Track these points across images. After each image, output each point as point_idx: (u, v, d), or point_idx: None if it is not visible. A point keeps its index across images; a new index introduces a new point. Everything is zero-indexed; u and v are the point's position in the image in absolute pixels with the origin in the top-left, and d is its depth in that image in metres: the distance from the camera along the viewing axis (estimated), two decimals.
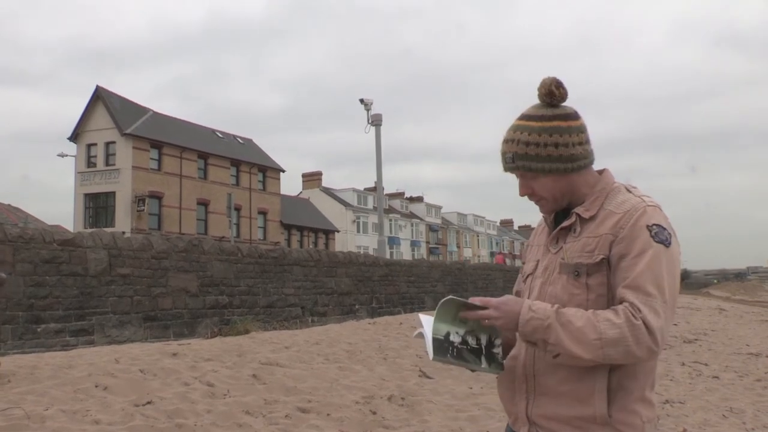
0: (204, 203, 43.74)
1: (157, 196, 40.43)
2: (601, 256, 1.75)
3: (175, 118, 45.79)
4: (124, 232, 19.53)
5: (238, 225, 44.30)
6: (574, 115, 1.87)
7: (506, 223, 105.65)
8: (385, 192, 62.14)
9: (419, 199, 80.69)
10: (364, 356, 9.17)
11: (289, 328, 13.46)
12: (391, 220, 67.20)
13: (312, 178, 68.41)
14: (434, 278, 24.61)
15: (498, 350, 1.83)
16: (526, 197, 1.93)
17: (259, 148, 52.66)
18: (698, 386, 8.25)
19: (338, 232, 59.77)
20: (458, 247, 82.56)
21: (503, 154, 1.91)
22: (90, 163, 40.65)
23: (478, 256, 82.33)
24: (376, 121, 31.35)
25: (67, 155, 40.59)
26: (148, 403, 5.45)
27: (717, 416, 6.55)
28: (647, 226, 1.73)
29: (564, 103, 1.89)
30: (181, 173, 42.22)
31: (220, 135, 48.89)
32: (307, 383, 6.82)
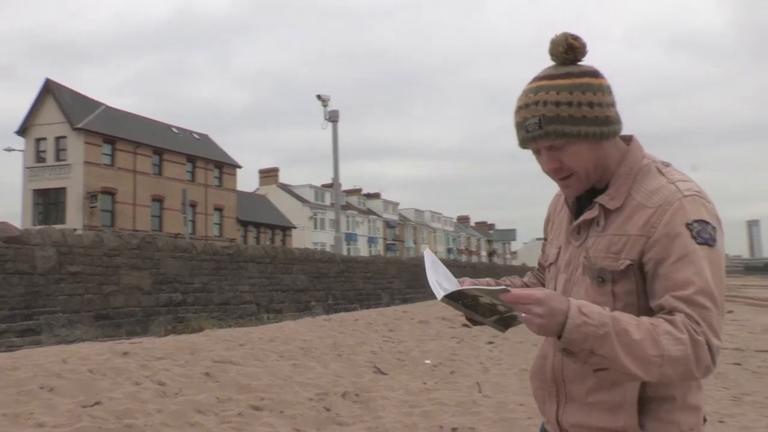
0: (159, 199, 43.06)
1: (110, 192, 39.66)
2: (628, 262, 1.52)
3: (129, 113, 44.96)
4: (75, 229, 19.13)
5: (193, 222, 43.75)
6: (600, 73, 1.58)
7: (463, 220, 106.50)
8: (343, 188, 62.03)
9: (377, 196, 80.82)
10: (318, 353, 9.15)
11: (244, 326, 13.35)
12: (348, 217, 67.14)
13: (269, 175, 67.89)
14: (391, 274, 24.68)
15: (521, 320, 1.55)
16: (549, 174, 1.63)
17: (215, 143, 52.07)
18: None
19: (295, 228, 59.47)
20: (415, 243, 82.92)
21: (523, 121, 1.57)
22: (39, 158, 39.65)
23: (435, 253, 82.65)
24: (332, 118, 31.25)
25: (14, 150, 39.54)
26: (97, 403, 5.35)
27: None
28: (686, 225, 1.47)
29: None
30: (135, 169, 41.48)
31: (176, 130, 48.18)
32: (261, 381, 6.78)
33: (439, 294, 1.55)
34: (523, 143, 1.62)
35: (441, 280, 1.64)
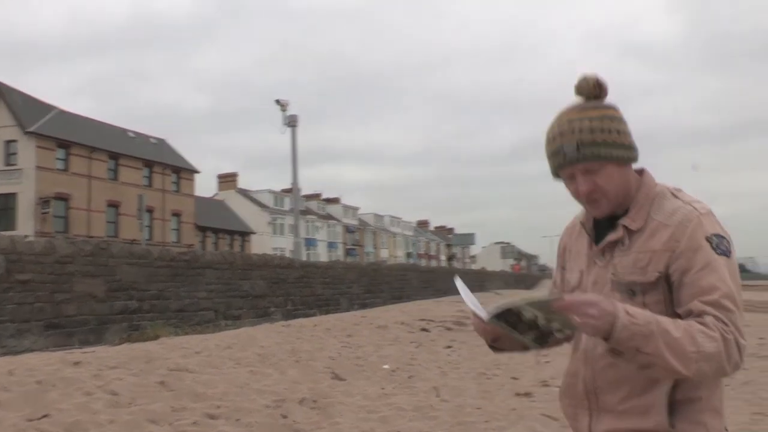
0: (114, 205, 42.26)
1: (64, 198, 38.77)
2: (657, 274, 1.67)
3: (83, 117, 44.06)
4: (26, 236, 18.65)
5: (150, 227, 43.02)
6: (619, 108, 1.79)
7: (423, 224, 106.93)
8: (303, 193, 61.78)
9: (336, 201, 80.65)
10: (276, 359, 9.08)
11: (201, 333, 13.19)
12: (308, 222, 66.86)
13: (228, 180, 67.20)
14: (350, 279, 24.65)
15: (560, 335, 1.66)
16: (582, 197, 1.76)
17: (173, 148, 51.35)
18: None
19: (254, 234, 58.98)
20: (375, 248, 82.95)
21: (559, 149, 1.74)
22: None
23: (395, 257, 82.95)
24: (291, 123, 31.11)
25: None
26: (45, 416, 5.22)
27: None
28: (706, 238, 1.64)
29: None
30: (89, 174, 40.66)
31: (132, 135, 47.39)
32: (217, 388, 6.71)
33: (486, 315, 1.64)
34: (560, 168, 1.77)
35: (476, 305, 1.72)
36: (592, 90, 1.76)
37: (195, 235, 49.95)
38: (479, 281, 47.25)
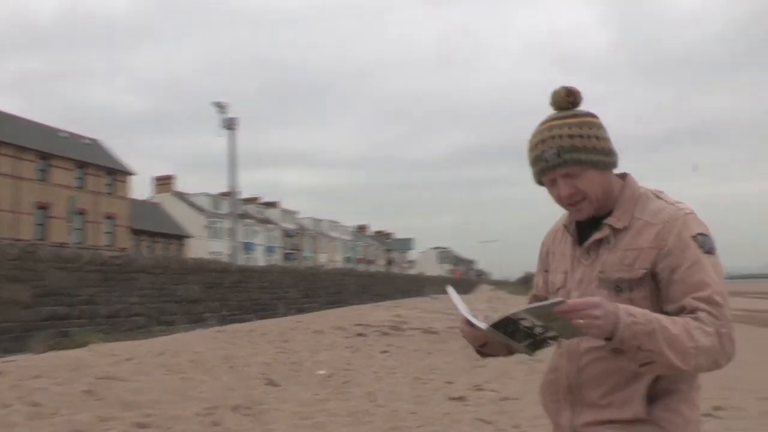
0: (44, 207, 40.80)
1: None
2: (643, 271, 1.71)
3: (10, 115, 42.41)
4: None
5: (82, 230, 41.80)
6: (597, 116, 1.85)
7: (361, 229, 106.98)
8: (241, 197, 61.03)
9: (275, 205, 79.97)
10: (210, 365, 8.94)
11: (133, 339, 12.86)
12: (245, 226, 66.03)
13: (164, 182, 65.76)
14: (287, 284, 24.47)
15: (553, 342, 1.67)
16: (563, 200, 1.81)
17: (106, 149, 49.96)
18: (533, 382, 8.73)
19: (191, 237, 57.91)
20: (314, 252, 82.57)
21: (541, 154, 1.80)
22: None
23: (334, 262, 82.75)
24: (229, 125, 30.73)
25: None
26: None
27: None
28: (692, 237, 1.70)
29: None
30: (16, 174, 39.18)
31: (64, 134, 45.85)
32: (147, 396, 6.55)
33: (483, 324, 1.66)
34: (542, 174, 1.82)
35: (469, 311, 1.75)
36: (564, 100, 1.83)
37: (129, 239, 48.69)
38: (417, 286, 47.54)
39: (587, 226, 1.84)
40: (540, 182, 1.87)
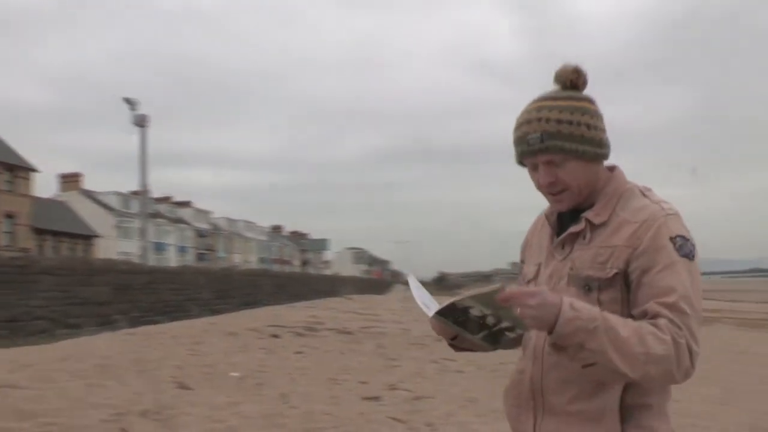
0: None
1: None
2: (615, 271, 1.60)
3: None
4: None
5: None
6: (596, 102, 1.71)
7: (277, 229, 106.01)
8: (152, 196, 59.29)
9: (188, 204, 78.19)
10: (118, 370, 8.66)
11: (35, 344, 12.30)
12: (157, 226, 64.25)
13: (71, 180, 63.17)
14: (200, 285, 23.97)
15: (511, 335, 1.60)
16: (543, 188, 1.71)
17: (7, 144, 47.53)
18: (445, 381, 8.91)
19: (99, 237, 55.85)
20: (228, 253, 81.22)
21: (524, 136, 1.67)
22: None
23: (248, 262, 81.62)
24: (141, 122, 29.86)
25: None
26: None
27: (458, 407, 7.12)
28: (670, 239, 1.58)
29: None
30: None
31: None
32: (47, 405, 6.28)
33: (430, 312, 1.57)
34: (523, 156, 1.70)
35: (427, 302, 1.65)
36: (569, 78, 1.70)
37: (32, 239, 46.50)
38: (332, 286, 47.51)
39: (568, 219, 1.73)
40: (521, 163, 1.75)
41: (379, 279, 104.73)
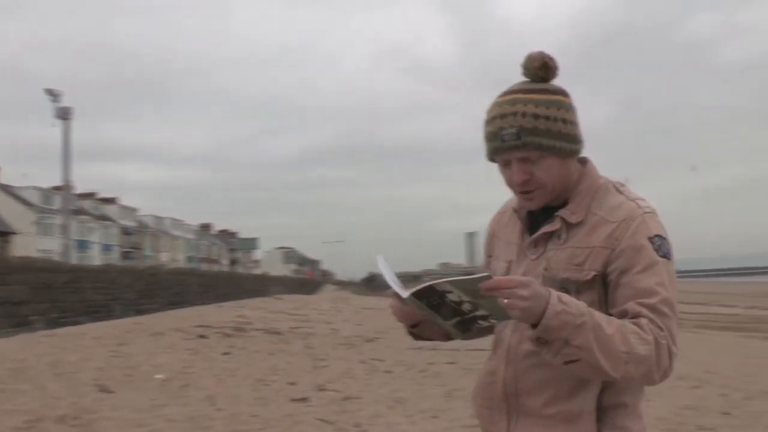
0: None
1: None
2: (594, 273, 1.55)
3: None
4: None
5: None
6: (569, 94, 1.63)
7: (205, 228, 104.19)
8: (76, 192, 57.25)
9: (113, 201, 75.99)
10: (33, 374, 8.33)
11: None
12: (80, 222, 62.15)
13: None
14: (125, 284, 23.30)
15: (484, 324, 1.53)
16: (515, 185, 1.63)
17: None
18: (373, 381, 8.91)
19: (17, 234, 53.60)
20: (155, 251, 79.32)
21: (498, 131, 1.57)
22: None
23: (176, 261, 79.89)
24: (64, 115, 28.84)
25: None
26: None
27: (386, 407, 7.13)
28: (649, 239, 1.54)
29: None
30: None
31: None
32: None
33: (404, 293, 1.48)
34: (496, 153, 1.61)
35: (398, 283, 1.56)
36: (538, 71, 1.61)
37: None
38: (261, 285, 46.99)
39: (539, 214, 1.67)
40: (492, 160, 1.66)
41: (310, 279, 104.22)
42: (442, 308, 1.48)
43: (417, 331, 1.73)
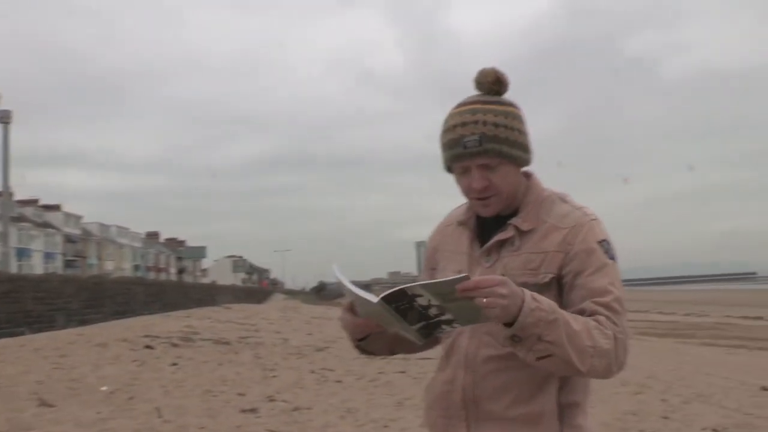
0: None
1: None
2: (551, 275, 1.65)
3: None
4: None
5: None
6: (520, 107, 1.74)
7: (152, 236, 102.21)
8: (16, 198, 55.51)
9: (56, 208, 73.94)
10: None
11: None
12: (20, 230, 60.31)
13: None
14: (68, 294, 22.67)
15: (447, 328, 1.54)
16: (473, 192, 1.70)
17: None
18: (324, 391, 8.89)
19: None
20: (99, 259, 77.46)
21: (460, 138, 1.65)
22: None
23: (122, 269, 78.16)
24: (3, 118, 28.03)
25: None
26: None
27: (337, 417, 7.12)
28: (598, 242, 1.66)
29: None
30: None
31: None
32: None
33: (374, 297, 1.48)
34: (457, 159, 1.68)
35: (360, 290, 1.56)
36: (492, 85, 1.71)
37: None
38: (210, 295, 46.32)
39: (487, 224, 1.75)
40: (449, 169, 1.74)
41: (262, 288, 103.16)
42: (408, 313, 1.49)
43: (364, 344, 1.76)
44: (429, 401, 1.82)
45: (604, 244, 1.67)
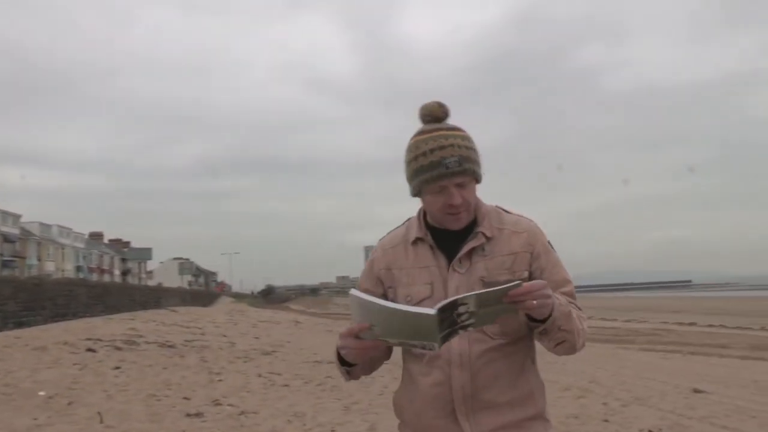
0: None
1: None
2: (526, 272, 1.87)
3: None
4: None
5: None
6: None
7: (96, 236, 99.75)
8: None
9: None
10: None
11: None
12: None
13: None
14: (5, 295, 21.95)
15: (460, 333, 1.61)
16: (449, 208, 1.86)
17: None
18: (271, 395, 8.83)
19: None
20: (39, 260, 75.22)
21: (440, 160, 1.82)
22: None
23: (63, 270, 76.05)
24: None
25: None
26: None
27: (284, 421, 7.09)
28: (549, 243, 1.95)
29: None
30: None
31: None
32: None
33: (431, 310, 1.53)
34: (438, 179, 1.82)
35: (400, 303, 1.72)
36: (440, 111, 1.90)
37: None
38: (155, 297, 45.46)
39: (445, 238, 1.91)
40: (418, 193, 1.90)
41: (206, 290, 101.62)
42: (443, 323, 1.56)
43: (353, 370, 1.86)
44: (416, 408, 1.90)
45: (550, 244, 1.95)
